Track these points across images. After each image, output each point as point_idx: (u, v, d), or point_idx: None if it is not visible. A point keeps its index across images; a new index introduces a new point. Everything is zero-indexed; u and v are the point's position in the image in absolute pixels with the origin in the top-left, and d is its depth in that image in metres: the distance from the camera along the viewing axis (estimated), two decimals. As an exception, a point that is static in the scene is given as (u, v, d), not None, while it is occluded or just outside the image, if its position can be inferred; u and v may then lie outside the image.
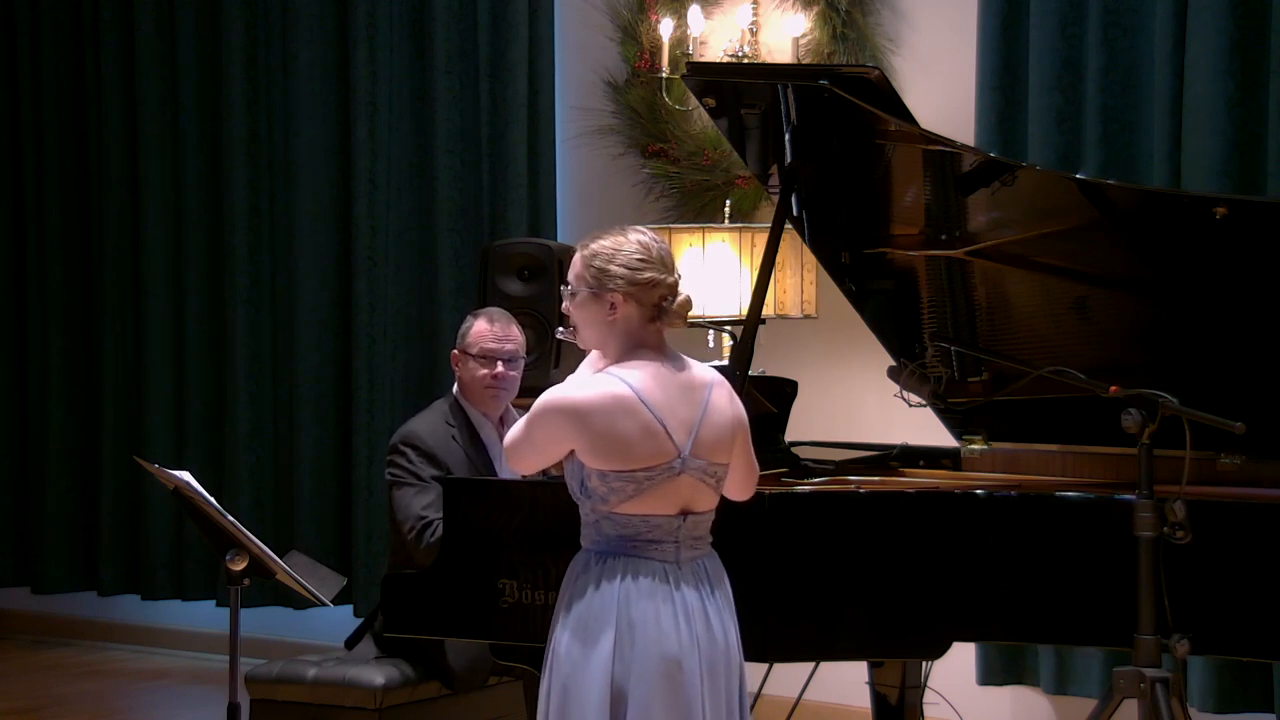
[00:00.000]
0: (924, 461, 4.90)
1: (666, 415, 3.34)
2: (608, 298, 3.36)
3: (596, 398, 3.34)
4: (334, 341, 7.12)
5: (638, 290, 3.36)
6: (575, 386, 3.40)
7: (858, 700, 4.94)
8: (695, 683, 3.33)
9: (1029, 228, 4.35)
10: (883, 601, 3.97)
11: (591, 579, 3.36)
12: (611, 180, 6.57)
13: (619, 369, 3.38)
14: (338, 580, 4.49)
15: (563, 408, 3.37)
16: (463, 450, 4.91)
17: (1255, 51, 5.18)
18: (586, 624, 3.34)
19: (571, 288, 3.42)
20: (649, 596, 3.33)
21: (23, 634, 7.94)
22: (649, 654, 3.31)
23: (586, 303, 3.40)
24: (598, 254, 3.37)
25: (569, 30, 6.72)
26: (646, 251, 3.37)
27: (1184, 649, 3.75)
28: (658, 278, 3.37)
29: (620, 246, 3.37)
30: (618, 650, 3.31)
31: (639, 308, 3.37)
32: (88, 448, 7.69)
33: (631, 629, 3.31)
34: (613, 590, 3.33)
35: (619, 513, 3.35)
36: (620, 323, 3.38)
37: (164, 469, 4.23)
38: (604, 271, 3.36)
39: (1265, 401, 4.14)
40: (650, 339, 3.40)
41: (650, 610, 3.32)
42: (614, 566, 3.35)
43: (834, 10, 6.02)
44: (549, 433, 3.39)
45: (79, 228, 7.70)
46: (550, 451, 3.42)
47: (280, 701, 4.97)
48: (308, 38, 7.11)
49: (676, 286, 3.40)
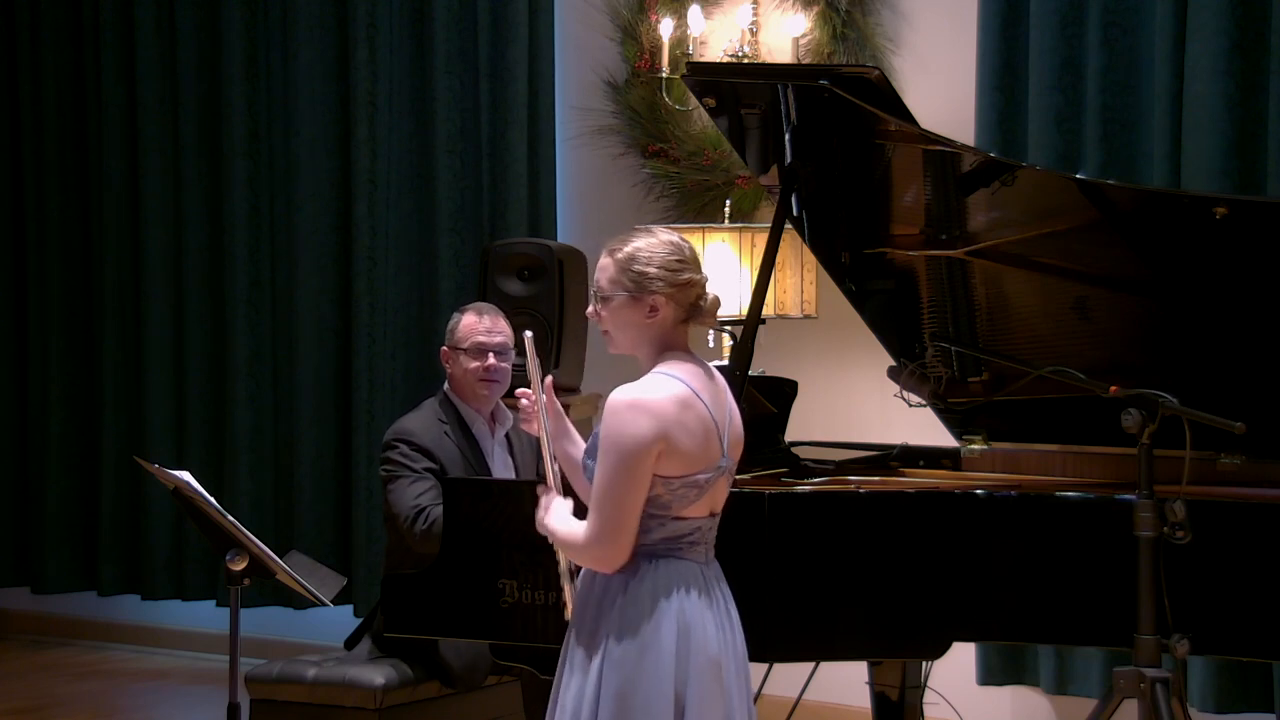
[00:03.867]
0: (924, 461, 4.90)
1: (717, 415, 3.33)
2: (648, 300, 3.32)
3: (670, 400, 3.27)
4: (334, 341, 7.12)
5: (677, 291, 3.32)
6: (642, 390, 3.28)
7: (858, 700, 4.94)
8: (731, 681, 3.32)
9: (1029, 228, 4.35)
10: (883, 601, 3.97)
11: (641, 582, 3.28)
12: (611, 180, 6.57)
13: (669, 368, 3.32)
14: (338, 580, 4.49)
15: (646, 409, 3.25)
16: (456, 446, 4.92)
17: (1255, 51, 5.18)
18: (640, 628, 3.26)
19: (606, 292, 3.34)
20: (696, 598, 3.30)
21: (23, 634, 7.93)
22: (701, 656, 3.28)
23: (624, 306, 3.33)
24: (635, 257, 3.32)
25: (569, 30, 6.72)
26: (680, 252, 3.35)
27: (1184, 649, 3.75)
28: (695, 278, 3.35)
29: (656, 249, 3.33)
30: (679, 655, 3.26)
31: (675, 309, 3.34)
32: (88, 448, 7.69)
33: (689, 632, 3.28)
34: (664, 593, 3.27)
35: (683, 516, 3.30)
36: (657, 325, 3.33)
37: (164, 469, 4.23)
38: (644, 274, 3.31)
39: (1265, 401, 4.15)
40: (680, 340, 3.37)
41: (698, 612, 3.29)
42: (662, 569, 3.29)
43: (834, 10, 6.02)
44: (643, 446, 3.24)
45: (79, 228, 7.70)
46: (647, 470, 3.26)
47: (280, 701, 4.98)
48: (308, 38, 7.11)
49: (706, 285, 3.39)
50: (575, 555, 3.35)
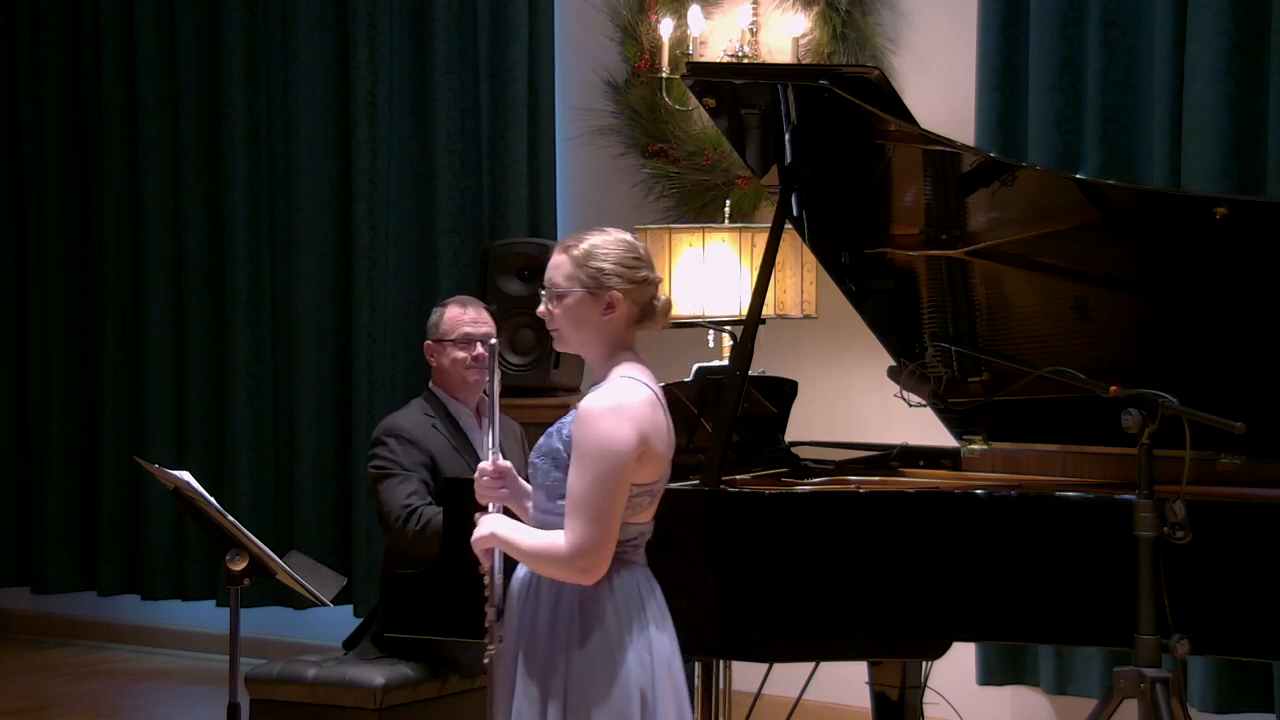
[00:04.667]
0: (924, 461, 4.90)
1: (669, 418, 3.33)
2: (605, 297, 3.30)
3: (644, 404, 3.26)
4: (334, 341, 7.12)
5: (634, 289, 3.32)
6: (620, 396, 3.26)
7: (858, 700, 4.94)
8: (678, 674, 3.35)
9: (1029, 228, 4.35)
10: (883, 601, 3.97)
11: (597, 602, 3.27)
12: (611, 180, 6.57)
13: (631, 371, 3.31)
14: (338, 580, 4.50)
15: (627, 415, 3.23)
16: (445, 437, 4.94)
17: (1255, 51, 5.18)
18: (625, 634, 3.28)
19: (561, 288, 3.31)
20: (646, 603, 3.32)
21: (23, 634, 7.94)
22: (664, 653, 3.32)
23: (581, 303, 3.30)
24: (593, 254, 3.30)
25: (569, 30, 6.72)
26: (636, 250, 3.35)
27: (1184, 649, 3.75)
28: (651, 276, 3.35)
29: (612, 246, 3.32)
30: (642, 664, 3.28)
31: (631, 307, 3.33)
32: (88, 448, 7.69)
33: (660, 629, 3.32)
34: (623, 611, 3.29)
35: (632, 521, 3.30)
36: (612, 324, 3.32)
37: (164, 469, 4.23)
38: (602, 270, 3.30)
39: (1265, 401, 4.14)
40: (631, 341, 3.35)
41: (651, 614, 3.33)
42: (616, 584, 3.29)
43: (834, 10, 6.02)
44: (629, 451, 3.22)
45: (79, 228, 7.70)
46: (630, 476, 3.24)
47: (280, 701, 4.97)
48: (308, 38, 7.11)
49: (659, 287, 3.38)
50: (551, 567, 3.27)
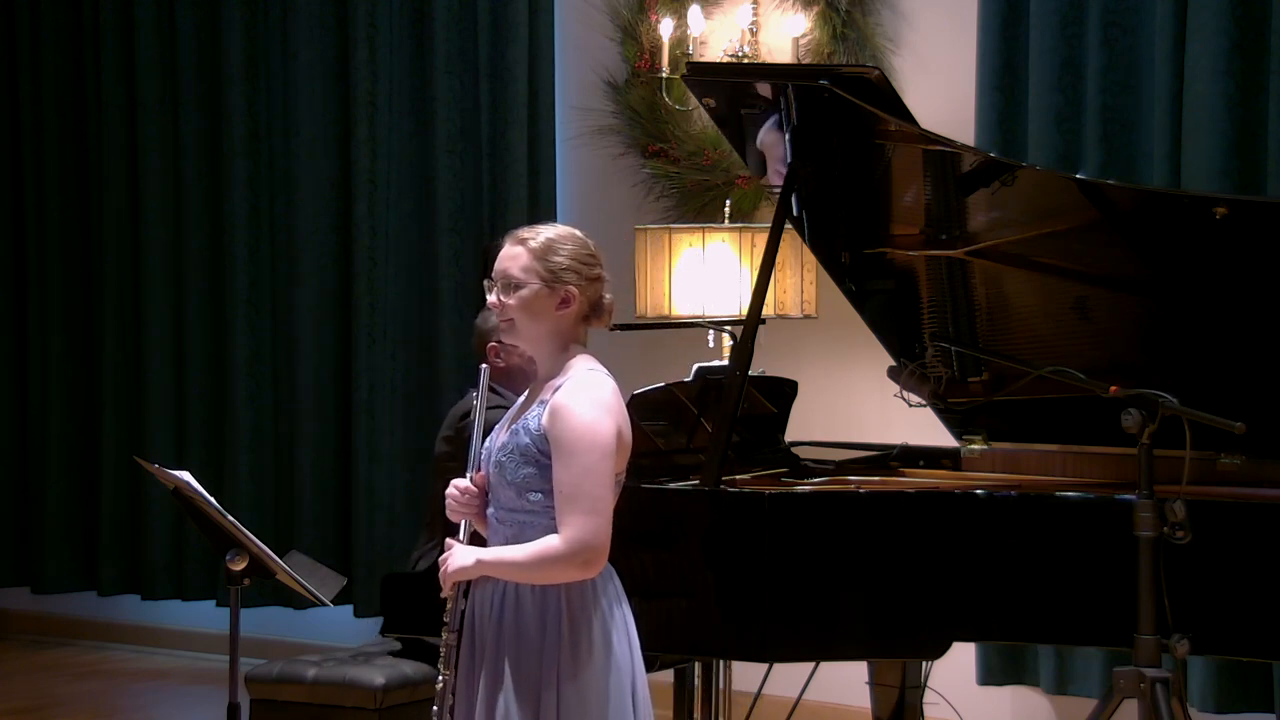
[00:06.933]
0: (924, 461, 4.91)
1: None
2: (561, 291, 3.31)
3: (615, 394, 3.31)
4: (334, 341, 7.12)
5: (588, 285, 3.34)
6: (596, 388, 3.29)
7: (858, 700, 4.94)
8: (640, 662, 3.39)
9: (1029, 228, 4.35)
10: (883, 602, 3.97)
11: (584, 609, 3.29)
12: (611, 180, 6.57)
13: (591, 363, 3.35)
14: (338, 580, 4.49)
15: (605, 406, 3.27)
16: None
17: (1255, 51, 5.18)
18: (608, 626, 3.30)
19: (518, 280, 3.31)
20: (622, 598, 3.36)
21: (23, 634, 7.94)
22: (636, 641, 3.37)
23: (538, 296, 3.30)
24: (552, 247, 3.31)
25: (569, 30, 6.72)
26: (589, 247, 3.37)
27: (1184, 649, 3.75)
28: (603, 274, 3.38)
29: (568, 240, 3.34)
30: (633, 662, 3.33)
31: (583, 303, 3.34)
32: (88, 448, 7.70)
33: (630, 641, 3.35)
34: (613, 586, 3.34)
35: None
36: (565, 319, 3.33)
37: (164, 469, 4.23)
38: (560, 264, 3.31)
39: (1265, 401, 4.14)
40: (581, 336, 3.38)
41: (626, 609, 3.37)
42: (597, 584, 3.31)
43: (834, 10, 6.02)
44: (613, 441, 3.27)
45: (79, 228, 7.71)
46: (612, 466, 3.28)
47: (280, 701, 4.98)
48: (308, 38, 7.11)
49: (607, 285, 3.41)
50: (551, 571, 3.26)
